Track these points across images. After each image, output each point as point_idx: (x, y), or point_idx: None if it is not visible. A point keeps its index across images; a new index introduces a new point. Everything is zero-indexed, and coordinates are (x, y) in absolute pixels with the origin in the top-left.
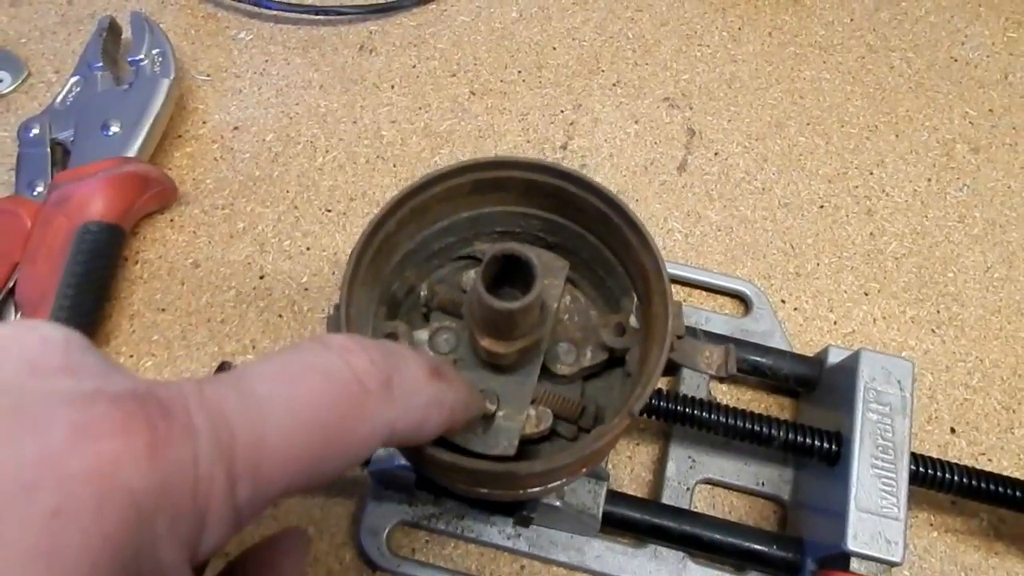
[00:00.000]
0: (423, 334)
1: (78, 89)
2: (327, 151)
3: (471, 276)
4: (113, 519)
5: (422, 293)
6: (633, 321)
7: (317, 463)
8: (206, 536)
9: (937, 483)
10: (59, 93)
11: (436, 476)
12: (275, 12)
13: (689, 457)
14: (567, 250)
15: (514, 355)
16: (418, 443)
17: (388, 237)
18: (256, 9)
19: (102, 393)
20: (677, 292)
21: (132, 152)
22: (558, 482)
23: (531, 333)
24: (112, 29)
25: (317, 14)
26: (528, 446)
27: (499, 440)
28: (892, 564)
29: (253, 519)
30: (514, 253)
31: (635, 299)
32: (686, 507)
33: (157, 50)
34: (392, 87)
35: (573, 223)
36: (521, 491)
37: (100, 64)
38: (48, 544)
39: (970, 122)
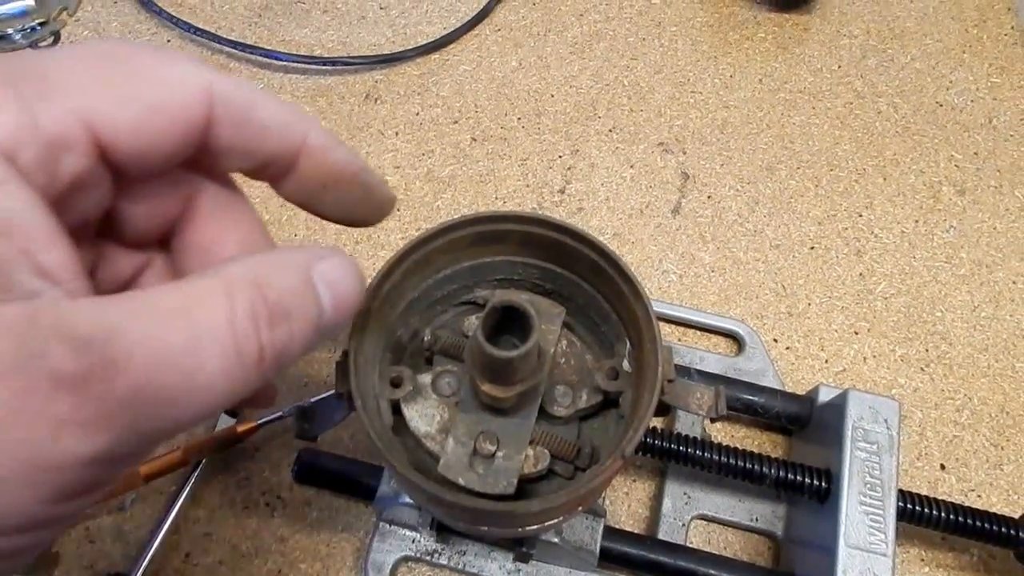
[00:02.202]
0: (426, 378)
1: None
2: None
3: (472, 322)
4: None
5: (425, 338)
6: (626, 365)
7: (124, 92)
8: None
9: (925, 520)
10: None
11: (438, 514)
12: (284, 63)
13: (684, 493)
14: (563, 297)
15: (513, 399)
16: (264, 150)
17: (394, 287)
18: (266, 60)
19: None
20: (672, 332)
21: None
22: (555, 520)
23: (529, 378)
24: None
25: (324, 64)
26: (526, 485)
27: (499, 480)
28: None
29: (42, 139)
30: (513, 304)
31: (628, 344)
32: (681, 543)
33: None
34: (396, 134)
35: (569, 272)
36: (519, 529)
37: None
38: None
39: (956, 165)
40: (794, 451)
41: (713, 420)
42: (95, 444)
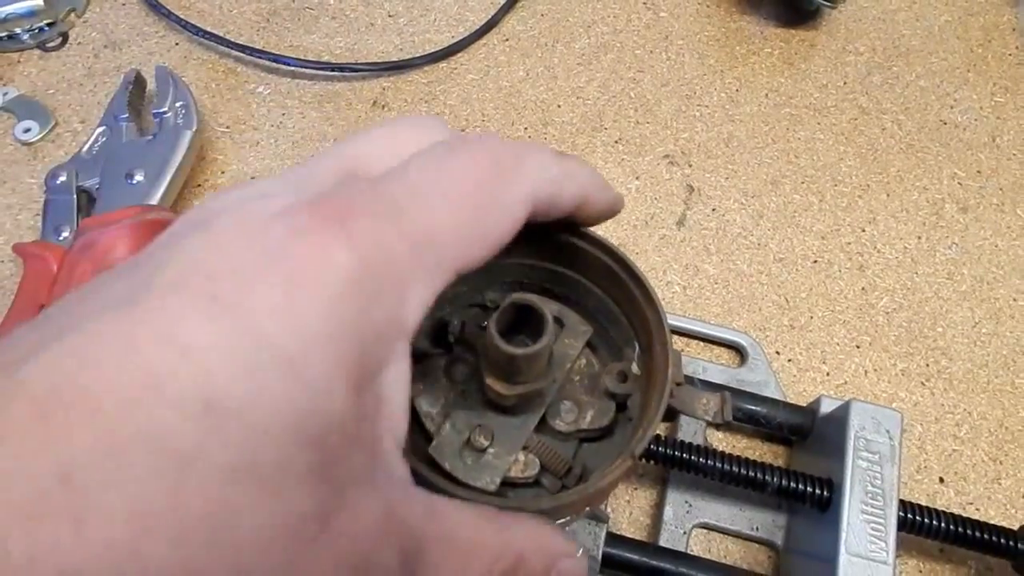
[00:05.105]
0: (441, 360)
1: (104, 139)
2: None
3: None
4: (332, 283)
5: (453, 322)
6: (635, 368)
7: (477, 232)
8: (409, 303)
9: (925, 529)
10: (85, 142)
11: None
12: (292, 68)
13: (686, 502)
14: (572, 301)
15: (514, 398)
16: (560, 213)
17: None
18: (274, 65)
19: (301, 202)
20: (676, 342)
21: (155, 200)
22: (562, 519)
23: (534, 381)
24: (138, 82)
25: (332, 70)
26: (510, 489)
27: (482, 474)
28: None
29: (437, 291)
30: (528, 303)
31: (637, 348)
32: (683, 550)
33: (180, 103)
34: None
35: (580, 275)
36: None
37: (125, 115)
38: (290, 303)
39: (959, 183)
40: (794, 461)
41: (718, 426)
42: None
